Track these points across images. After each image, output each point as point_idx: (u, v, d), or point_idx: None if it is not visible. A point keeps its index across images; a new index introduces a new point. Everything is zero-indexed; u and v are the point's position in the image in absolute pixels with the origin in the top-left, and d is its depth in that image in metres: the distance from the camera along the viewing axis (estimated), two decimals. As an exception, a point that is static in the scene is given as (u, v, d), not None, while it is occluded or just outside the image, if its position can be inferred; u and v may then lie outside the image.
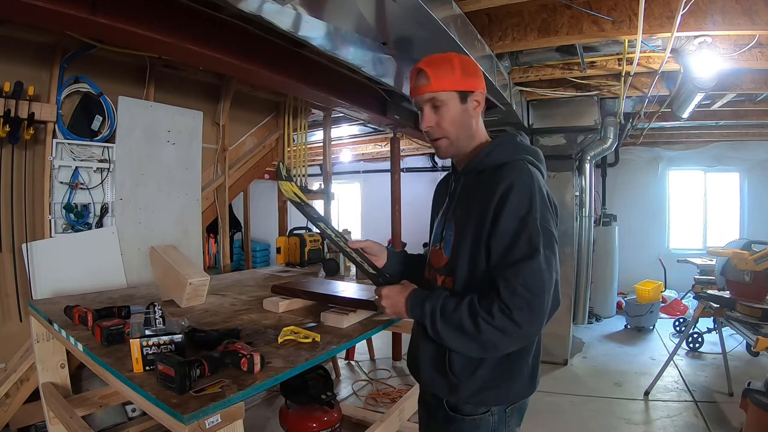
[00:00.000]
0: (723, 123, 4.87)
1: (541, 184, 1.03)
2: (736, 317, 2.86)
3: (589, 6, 2.31)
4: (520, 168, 1.03)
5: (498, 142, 1.12)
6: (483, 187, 1.06)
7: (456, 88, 1.08)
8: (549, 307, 0.97)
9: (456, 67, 1.09)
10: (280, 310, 1.76)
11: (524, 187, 1.00)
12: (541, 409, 3.13)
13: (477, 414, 1.09)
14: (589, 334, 4.91)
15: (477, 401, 1.08)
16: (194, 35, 2.04)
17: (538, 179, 1.02)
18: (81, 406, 1.95)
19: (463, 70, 1.10)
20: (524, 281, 0.94)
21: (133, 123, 2.75)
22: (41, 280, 2.31)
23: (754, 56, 2.62)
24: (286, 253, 3.02)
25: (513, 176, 1.01)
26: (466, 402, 1.09)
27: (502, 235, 0.99)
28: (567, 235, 4.08)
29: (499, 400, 1.09)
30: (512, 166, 1.04)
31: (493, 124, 3.69)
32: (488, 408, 1.09)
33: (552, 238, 1.00)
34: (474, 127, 1.14)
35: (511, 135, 1.14)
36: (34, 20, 1.97)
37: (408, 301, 1.09)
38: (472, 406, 1.09)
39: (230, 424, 1.03)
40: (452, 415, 1.10)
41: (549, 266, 0.96)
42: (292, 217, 4.91)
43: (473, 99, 1.11)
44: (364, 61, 2.23)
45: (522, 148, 1.10)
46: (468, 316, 0.98)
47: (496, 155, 1.09)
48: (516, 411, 1.14)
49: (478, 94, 1.12)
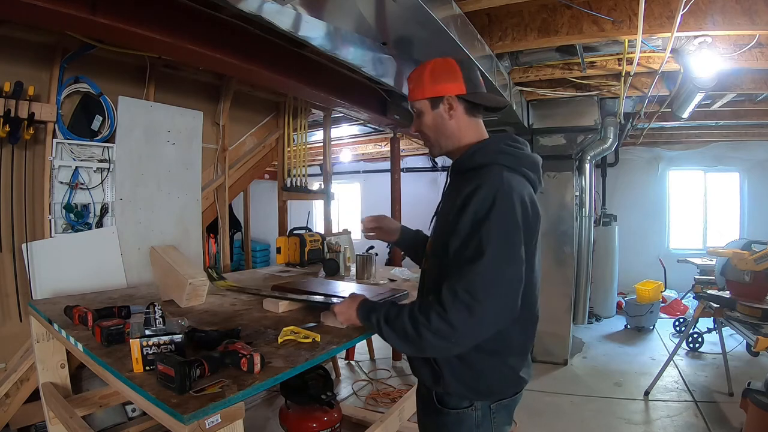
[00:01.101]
0: (723, 123, 4.87)
1: (511, 188, 1.02)
2: (736, 317, 2.86)
3: (589, 6, 2.31)
4: (492, 171, 1.06)
5: (480, 145, 1.14)
6: (463, 186, 1.08)
7: (426, 96, 1.16)
8: (496, 313, 0.97)
9: (426, 75, 1.16)
10: (280, 310, 1.76)
11: (488, 190, 1.01)
12: (541, 409, 3.13)
13: (461, 408, 1.13)
14: (589, 334, 4.92)
15: (459, 393, 1.13)
16: (194, 35, 2.04)
17: (508, 184, 1.02)
18: (81, 406, 1.95)
19: (432, 78, 1.15)
20: (466, 285, 0.95)
21: (133, 123, 2.74)
22: (41, 280, 2.31)
23: (754, 56, 2.62)
24: (286, 253, 3.01)
25: (482, 179, 1.04)
26: (449, 393, 1.14)
27: (457, 235, 1.02)
28: (567, 235, 4.08)
29: (479, 394, 1.13)
30: (487, 169, 1.07)
31: (493, 124, 3.69)
32: (471, 402, 1.13)
33: (511, 243, 0.99)
34: (453, 128, 1.17)
35: (498, 138, 1.16)
36: (34, 20, 1.97)
37: (358, 312, 1.18)
38: (456, 399, 1.14)
39: (230, 424, 1.03)
40: (440, 408, 1.16)
41: (498, 271, 0.96)
42: (292, 217, 4.92)
43: (445, 103, 1.15)
44: (364, 61, 2.23)
45: (502, 151, 1.11)
46: (409, 323, 1.02)
47: (476, 157, 1.13)
48: (502, 409, 1.16)
49: (449, 98, 1.15)
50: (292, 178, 4.01)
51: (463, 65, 1.17)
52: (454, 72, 1.15)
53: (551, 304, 4.07)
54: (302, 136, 4.07)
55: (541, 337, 4.07)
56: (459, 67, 1.16)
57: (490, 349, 1.09)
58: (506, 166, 1.08)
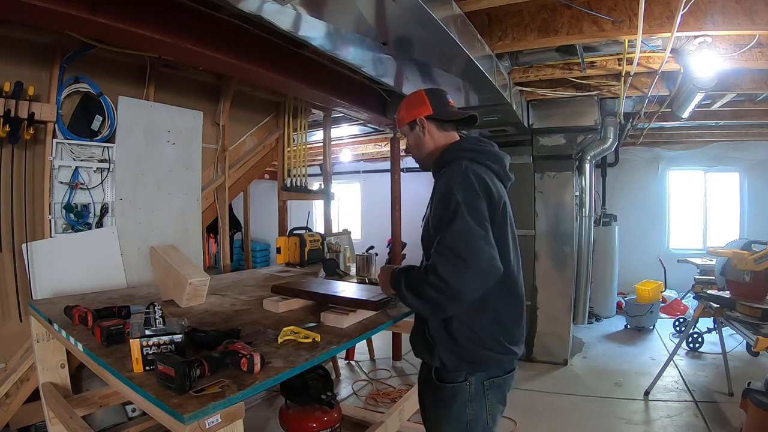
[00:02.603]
0: (723, 123, 4.87)
1: (468, 169, 1.24)
2: (736, 317, 2.86)
3: (589, 6, 2.31)
4: (455, 165, 1.28)
5: (446, 149, 1.38)
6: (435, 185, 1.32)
7: (404, 122, 1.47)
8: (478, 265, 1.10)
9: (403, 107, 1.48)
10: (280, 310, 1.76)
11: (450, 174, 1.25)
12: (541, 409, 3.13)
13: (456, 382, 1.28)
14: (589, 334, 4.91)
15: (452, 364, 1.27)
16: (194, 35, 2.04)
17: (467, 169, 1.24)
18: (81, 406, 1.94)
19: (406, 108, 1.46)
20: (447, 245, 1.13)
21: (133, 123, 2.74)
22: (41, 280, 2.31)
23: (754, 56, 2.62)
24: (286, 253, 3.02)
25: (447, 172, 1.28)
26: (444, 366, 1.28)
27: (434, 216, 1.24)
28: (567, 235, 4.08)
29: (470, 366, 1.27)
30: (451, 165, 1.30)
31: (494, 124, 3.69)
32: (465, 377, 1.27)
33: (476, 208, 1.17)
34: (429, 142, 1.44)
35: (463, 139, 1.42)
36: (34, 20, 1.97)
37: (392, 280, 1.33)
38: (451, 374, 1.28)
39: (230, 424, 1.03)
40: (437, 384, 1.31)
41: (468, 228, 1.13)
42: (292, 217, 4.92)
43: (418, 124, 1.44)
44: (364, 61, 2.23)
45: (464, 148, 1.35)
46: (415, 281, 1.20)
47: (443, 158, 1.37)
48: (495, 387, 1.30)
49: (419, 120, 1.43)
50: (292, 178, 4.01)
51: (430, 93, 1.46)
52: (422, 99, 1.44)
53: (551, 304, 4.07)
54: (302, 136, 4.07)
55: (541, 337, 4.07)
56: (426, 95, 1.45)
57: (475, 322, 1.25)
58: (468, 159, 1.30)
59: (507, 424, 2.83)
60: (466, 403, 1.27)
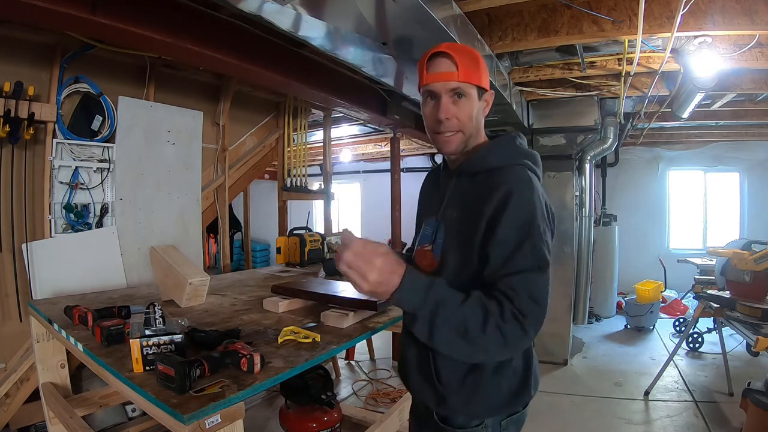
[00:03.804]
0: (723, 123, 4.87)
1: (540, 192, 0.97)
2: (736, 317, 2.86)
3: (589, 6, 2.31)
4: (519, 174, 0.98)
5: (496, 144, 1.07)
6: (478, 191, 1.00)
7: (479, 83, 1.03)
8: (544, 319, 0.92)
9: (480, 62, 1.05)
10: (280, 310, 1.76)
11: (525, 194, 0.94)
12: (541, 409, 3.13)
13: (469, 427, 1.03)
14: (589, 334, 4.92)
15: (467, 413, 1.03)
16: (194, 35, 2.04)
17: (537, 187, 0.97)
18: (81, 406, 1.95)
19: (484, 68, 1.06)
20: (530, 292, 0.88)
21: (133, 123, 2.74)
22: (41, 280, 2.31)
23: (754, 56, 2.62)
24: (286, 253, 3.02)
25: (512, 183, 0.96)
26: (456, 413, 1.04)
27: (503, 243, 0.92)
28: (567, 235, 4.08)
29: (491, 412, 1.03)
30: (510, 171, 0.99)
31: (493, 124, 3.69)
32: (481, 420, 1.03)
33: (548, 255, 0.94)
34: (480, 126, 1.10)
35: (510, 137, 1.09)
36: (34, 20, 1.97)
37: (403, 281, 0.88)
38: (463, 418, 1.04)
39: (230, 424, 1.03)
40: (443, 427, 1.05)
41: (547, 284, 0.92)
42: (292, 217, 4.92)
43: (485, 98, 1.09)
44: (364, 61, 2.23)
45: (521, 152, 1.05)
46: (480, 313, 0.86)
47: (493, 158, 1.04)
48: (512, 423, 1.07)
49: (489, 95, 1.09)
50: (292, 178, 4.01)
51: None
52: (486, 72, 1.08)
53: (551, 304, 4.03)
54: (302, 136, 4.07)
55: (541, 337, 4.03)
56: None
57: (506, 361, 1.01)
58: (528, 167, 1.01)
59: (507, 424, 2.83)
60: None
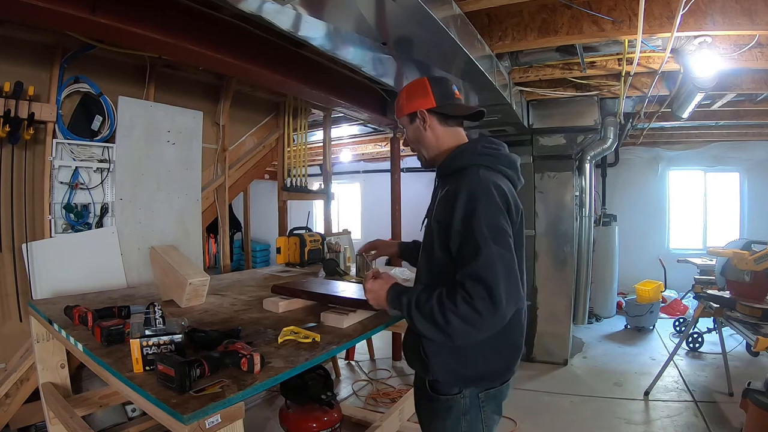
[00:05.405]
0: (723, 123, 4.87)
1: (489, 185, 1.12)
2: (736, 317, 2.86)
3: (589, 6, 2.31)
4: (472, 173, 1.16)
5: (459, 150, 1.25)
6: (446, 191, 1.20)
7: (403, 113, 1.32)
8: (508, 297, 1.03)
9: (403, 96, 1.33)
10: (280, 310, 1.76)
11: (470, 188, 1.12)
12: (541, 409, 3.13)
13: (450, 394, 1.22)
14: (589, 334, 4.91)
15: (446, 381, 1.22)
16: (194, 35, 2.04)
17: (487, 181, 1.13)
18: (81, 406, 1.95)
19: (407, 97, 1.32)
20: (476, 275, 1.03)
21: (133, 123, 2.74)
22: (41, 280, 2.31)
23: (754, 56, 2.62)
24: (286, 253, 3.01)
25: (464, 181, 1.14)
26: (438, 381, 1.23)
27: (455, 235, 1.11)
28: (567, 235, 4.08)
29: (466, 382, 1.21)
30: (467, 171, 1.17)
31: (493, 124, 3.69)
32: (459, 390, 1.22)
33: (502, 230, 1.09)
34: (430, 138, 1.30)
35: (475, 142, 1.28)
36: (34, 20, 1.97)
37: (388, 293, 1.23)
38: (445, 386, 1.22)
39: (230, 424, 1.03)
40: (432, 395, 1.25)
41: (501, 259, 1.04)
42: (292, 217, 4.91)
43: (419, 117, 1.29)
44: (364, 61, 2.23)
45: (479, 153, 1.22)
46: (437, 308, 1.07)
47: (456, 162, 1.23)
48: (491, 398, 1.24)
49: (420, 112, 1.29)
50: (292, 178, 4.01)
51: (433, 82, 1.31)
52: (425, 89, 1.29)
53: (551, 304, 4.07)
54: (302, 136, 4.07)
55: (541, 337, 4.07)
56: (429, 84, 1.30)
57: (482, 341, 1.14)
58: (484, 166, 1.18)
59: (507, 424, 2.83)
60: (460, 416, 1.22)
